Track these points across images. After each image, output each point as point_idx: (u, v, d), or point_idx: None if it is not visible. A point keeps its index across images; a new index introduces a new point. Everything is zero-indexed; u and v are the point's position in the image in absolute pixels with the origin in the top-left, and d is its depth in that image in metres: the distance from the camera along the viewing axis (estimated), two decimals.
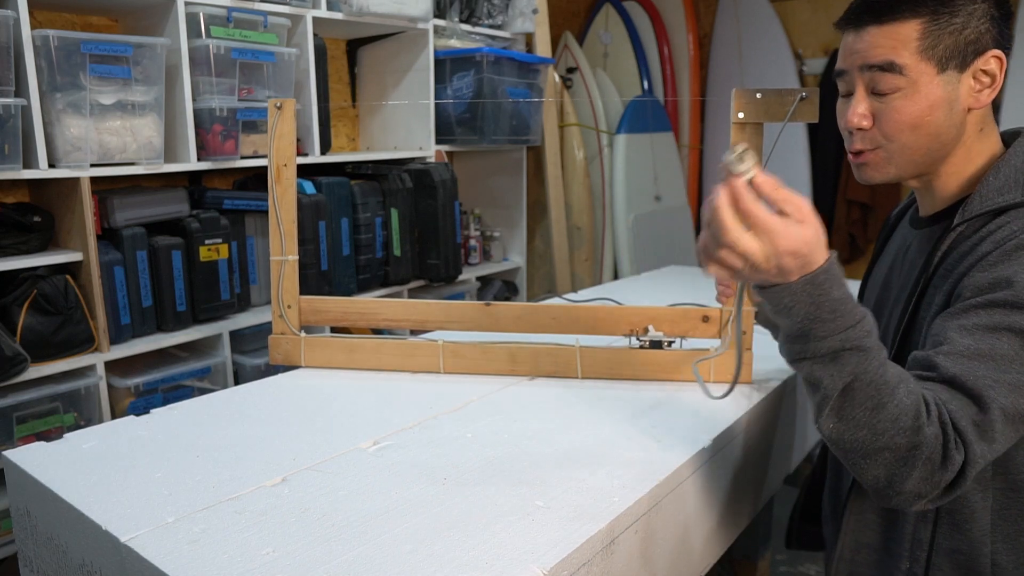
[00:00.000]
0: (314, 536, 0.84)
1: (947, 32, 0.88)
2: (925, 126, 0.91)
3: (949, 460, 0.79)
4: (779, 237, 0.76)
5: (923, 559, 0.93)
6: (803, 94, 1.17)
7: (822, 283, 0.79)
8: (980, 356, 0.81)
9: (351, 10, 2.18)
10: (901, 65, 0.90)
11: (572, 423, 1.17)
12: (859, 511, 0.99)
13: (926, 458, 0.79)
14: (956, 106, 0.91)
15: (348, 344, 1.45)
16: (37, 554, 1.04)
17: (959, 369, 0.81)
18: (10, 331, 1.66)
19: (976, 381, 0.80)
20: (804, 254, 0.77)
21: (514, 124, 2.65)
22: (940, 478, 0.80)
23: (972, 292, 0.85)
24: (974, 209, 0.90)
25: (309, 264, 2.13)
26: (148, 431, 1.15)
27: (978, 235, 0.89)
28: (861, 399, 0.80)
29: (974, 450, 0.79)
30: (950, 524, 0.91)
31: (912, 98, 0.91)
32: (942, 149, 0.94)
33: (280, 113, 1.42)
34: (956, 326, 0.84)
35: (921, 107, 0.91)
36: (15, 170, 1.61)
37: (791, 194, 0.78)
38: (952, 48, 0.89)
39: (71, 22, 1.96)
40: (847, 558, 1.01)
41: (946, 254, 0.92)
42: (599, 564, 0.87)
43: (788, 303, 0.80)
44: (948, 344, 0.84)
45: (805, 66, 3.60)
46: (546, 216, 3.22)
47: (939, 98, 0.90)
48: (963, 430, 0.79)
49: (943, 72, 0.89)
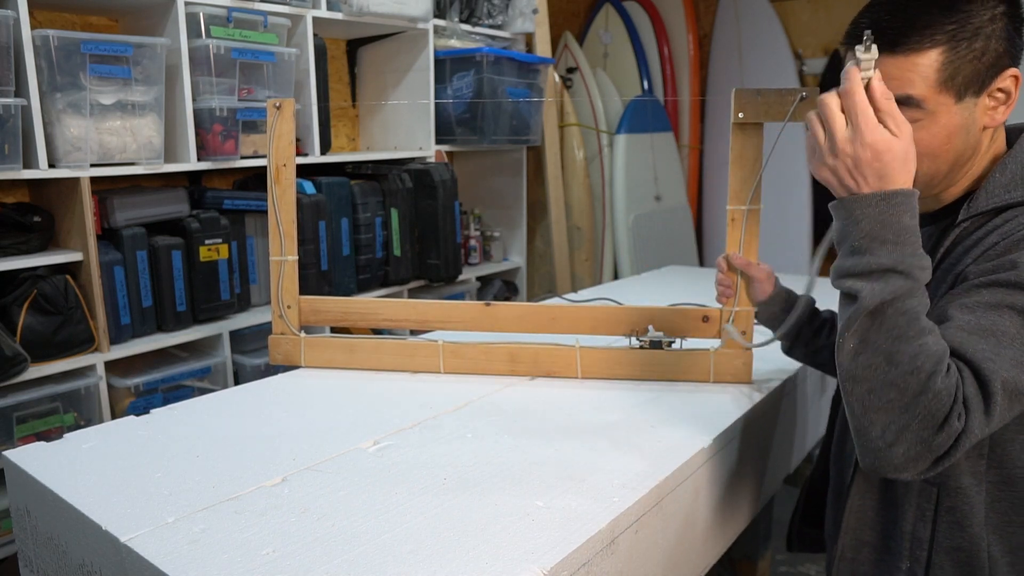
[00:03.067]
0: (314, 536, 0.84)
1: (967, 60, 0.85)
2: (943, 154, 0.89)
3: (948, 424, 0.77)
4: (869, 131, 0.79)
5: (923, 558, 0.92)
6: (803, 94, 1.18)
7: (897, 204, 0.79)
8: (981, 331, 0.80)
9: (351, 10, 2.18)
10: (919, 99, 0.86)
11: (572, 423, 1.17)
12: (860, 509, 0.99)
13: (926, 412, 0.77)
14: (973, 128, 0.89)
15: (348, 344, 1.45)
16: (37, 554, 1.04)
17: (959, 341, 0.80)
18: (10, 331, 1.66)
19: (976, 353, 0.79)
20: (886, 161, 0.79)
21: (514, 124, 2.64)
22: (933, 441, 0.77)
23: (976, 275, 0.85)
24: (980, 206, 0.90)
25: (309, 264, 2.13)
26: (148, 431, 1.15)
27: (983, 230, 0.89)
28: (889, 325, 0.78)
29: (973, 420, 0.78)
30: (950, 522, 0.91)
31: (929, 129, 0.87)
32: (960, 169, 0.93)
33: (280, 113, 1.42)
34: (958, 304, 0.84)
35: (939, 138, 0.88)
36: (15, 170, 1.61)
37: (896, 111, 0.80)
38: (972, 76, 0.86)
39: (71, 22, 1.96)
40: (848, 557, 1.01)
41: (949, 250, 0.92)
42: (599, 564, 0.87)
43: (858, 215, 0.80)
44: (950, 320, 0.83)
45: (805, 66, 3.60)
46: (546, 216, 3.22)
47: (957, 126, 0.88)
48: (969, 399, 0.78)
49: (961, 100, 0.87)
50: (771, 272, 1.29)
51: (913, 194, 0.80)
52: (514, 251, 3.03)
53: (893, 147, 0.79)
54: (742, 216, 1.27)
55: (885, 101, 0.81)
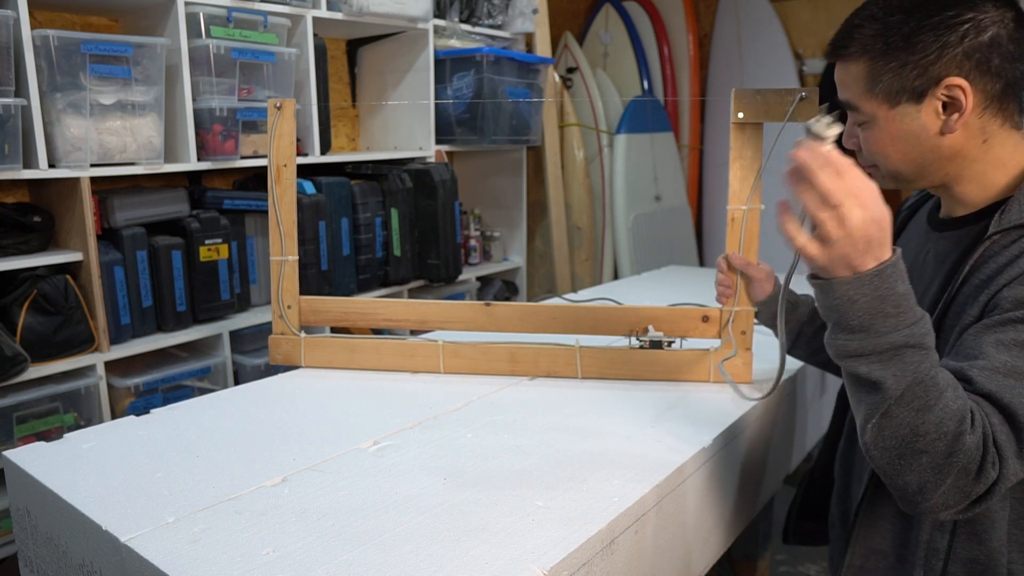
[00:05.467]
0: (314, 536, 0.84)
1: (888, 70, 0.89)
2: (895, 154, 0.93)
3: (984, 474, 0.77)
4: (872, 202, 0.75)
5: (938, 568, 0.91)
6: (803, 94, 1.18)
7: (889, 275, 0.77)
8: (1017, 374, 0.79)
9: (351, 10, 2.18)
10: (855, 104, 0.93)
11: (572, 423, 1.17)
12: (871, 518, 0.98)
13: (962, 468, 0.77)
14: (925, 134, 0.90)
15: (348, 344, 1.45)
16: (37, 554, 1.05)
17: (995, 386, 0.79)
18: (10, 331, 1.66)
19: (1013, 399, 0.78)
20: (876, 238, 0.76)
21: (514, 124, 2.64)
22: (971, 490, 0.78)
23: (1012, 305, 0.82)
24: (1012, 219, 0.87)
25: (309, 264, 2.13)
26: (148, 431, 1.15)
27: (1016, 246, 0.86)
28: (910, 399, 0.77)
29: (1009, 467, 0.77)
30: (969, 533, 0.89)
31: (873, 131, 0.94)
32: (931, 170, 0.93)
33: (280, 113, 1.42)
34: (993, 340, 0.82)
35: (883, 139, 0.93)
36: (15, 170, 1.61)
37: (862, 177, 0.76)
38: (898, 85, 0.89)
39: (71, 22, 1.96)
40: (857, 564, 1.00)
41: (978, 263, 0.89)
42: (599, 564, 0.87)
43: (853, 295, 0.77)
44: (983, 359, 0.81)
45: (805, 66, 3.60)
46: (546, 216, 3.22)
47: (899, 130, 0.91)
48: (1002, 446, 0.77)
49: (895, 107, 0.90)
50: (771, 272, 1.29)
51: (899, 258, 0.78)
52: (514, 251, 3.03)
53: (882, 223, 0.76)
54: (742, 216, 1.27)
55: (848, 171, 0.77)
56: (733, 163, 1.26)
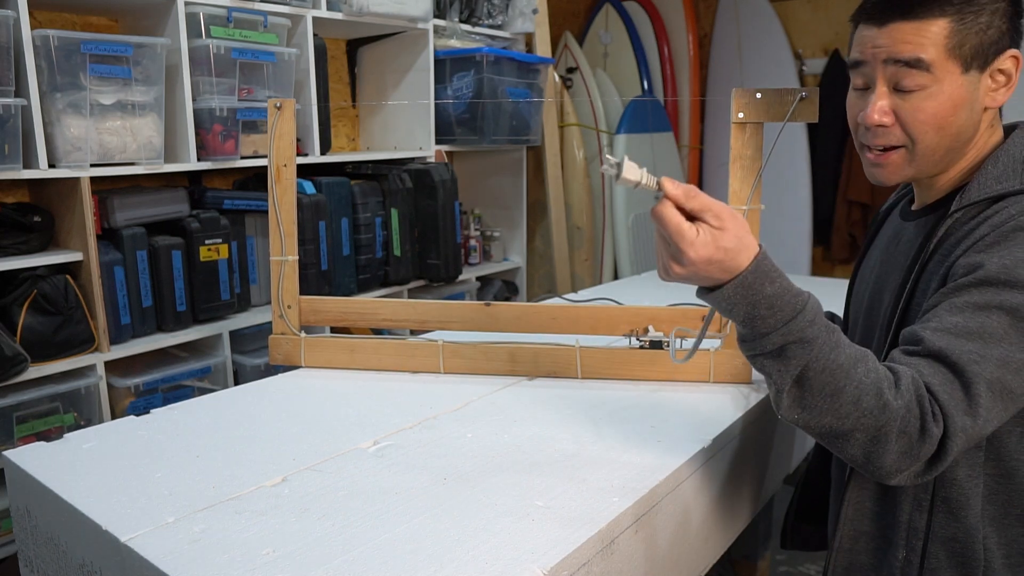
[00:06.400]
0: (314, 536, 0.84)
1: (973, 32, 0.88)
2: (948, 126, 0.91)
3: (927, 433, 0.80)
4: (689, 248, 0.80)
5: (919, 548, 0.93)
6: (803, 94, 1.18)
7: (751, 283, 0.81)
8: (968, 333, 0.82)
9: (351, 10, 2.18)
10: (929, 62, 0.88)
11: (572, 423, 1.17)
12: (857, 500, 0.99)
13: (900, 432, 0.80)
14: (976, 106, 0.91)
15: (348, 344, 1.45)
16: (37, 554, 1.05)
17: (944, 343, 0.82)
18: (10, 331, 1.66)
19: (961, 355, 0.81)
20: (721, 259, 0.80)
21: (514, 124, 2.64)
22: (919, 451, 0.80)
23: (965, 270, 0.86)
24: (972, 196, 0.91)
25: (309, 264, 2.13)
26: (148, 431, 1.15)
27: (974, 221, 0.90)
28: (817, 387, 0.81)
29: (955, 423, 0.79)
30: (945, 512, 0.91)
31: (937, 97, 0.89)
32: (960, 149, 0.94)
33: (280, 113, 1.42)
34: (947, 304, 0.85)
35: (945, 106, 0.90)
36: (15, 170, 1.61)
37: (707, 200, 0.81)
38: (977, 48, 0.88)
39: (71, 22, 1.96)
40: (845, 548, 1.01)
41: (942, 240, 0.93)
42: (599, 564, 0.87)
43: (726, 306, 0.83)
44: (936, 320, 0.85)
45: (805, 66, 3.60)
46: (546, 216, 3.22)
47: (962, 98, 0.90)
48: (944, 403, 0.80)
49: (967, 72, 0.89)
50: None
51: (760, 262, 0.81)
52: (514, 251, 3.03)
53: (723, 242, 0.80)
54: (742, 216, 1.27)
55: (690, 201, 0.81)
56: (733, 163, 1.26)
